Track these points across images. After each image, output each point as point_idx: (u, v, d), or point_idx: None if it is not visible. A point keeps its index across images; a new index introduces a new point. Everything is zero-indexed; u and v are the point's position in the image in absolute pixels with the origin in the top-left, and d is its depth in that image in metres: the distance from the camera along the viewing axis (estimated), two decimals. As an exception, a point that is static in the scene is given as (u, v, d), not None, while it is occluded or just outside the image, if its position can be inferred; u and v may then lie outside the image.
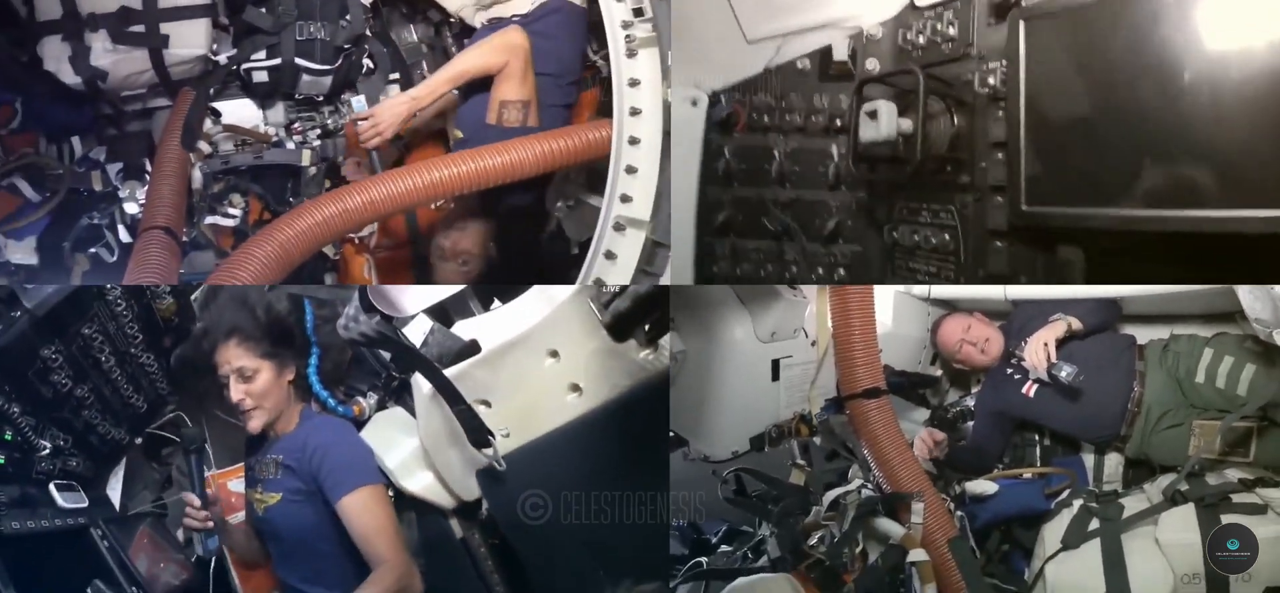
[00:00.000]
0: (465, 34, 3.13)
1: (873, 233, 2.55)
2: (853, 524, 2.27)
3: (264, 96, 3.02)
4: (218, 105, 2.95)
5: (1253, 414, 2.35)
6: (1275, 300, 2.02)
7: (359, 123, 2.73)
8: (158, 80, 2.82)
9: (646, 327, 1.70)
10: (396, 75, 3.14)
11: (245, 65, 2.88)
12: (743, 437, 2.93)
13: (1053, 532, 2.36)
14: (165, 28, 2.70)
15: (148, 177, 2.92)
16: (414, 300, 2.13)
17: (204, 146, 2.89)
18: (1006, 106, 2.08)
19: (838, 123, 2.55)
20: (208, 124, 2.89)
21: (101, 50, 2.68)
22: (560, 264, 2.95)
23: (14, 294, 2.01)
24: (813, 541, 2.34)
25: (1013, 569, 2.64)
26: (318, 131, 3.12)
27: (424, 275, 2.92)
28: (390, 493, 2.25)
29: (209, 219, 2.92)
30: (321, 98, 3.08)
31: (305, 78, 2.94)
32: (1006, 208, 2.12)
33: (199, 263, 2.88)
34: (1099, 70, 1.85)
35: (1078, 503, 2.38)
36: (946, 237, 2.32)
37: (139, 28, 2.68)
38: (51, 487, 2.15)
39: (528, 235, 2.98)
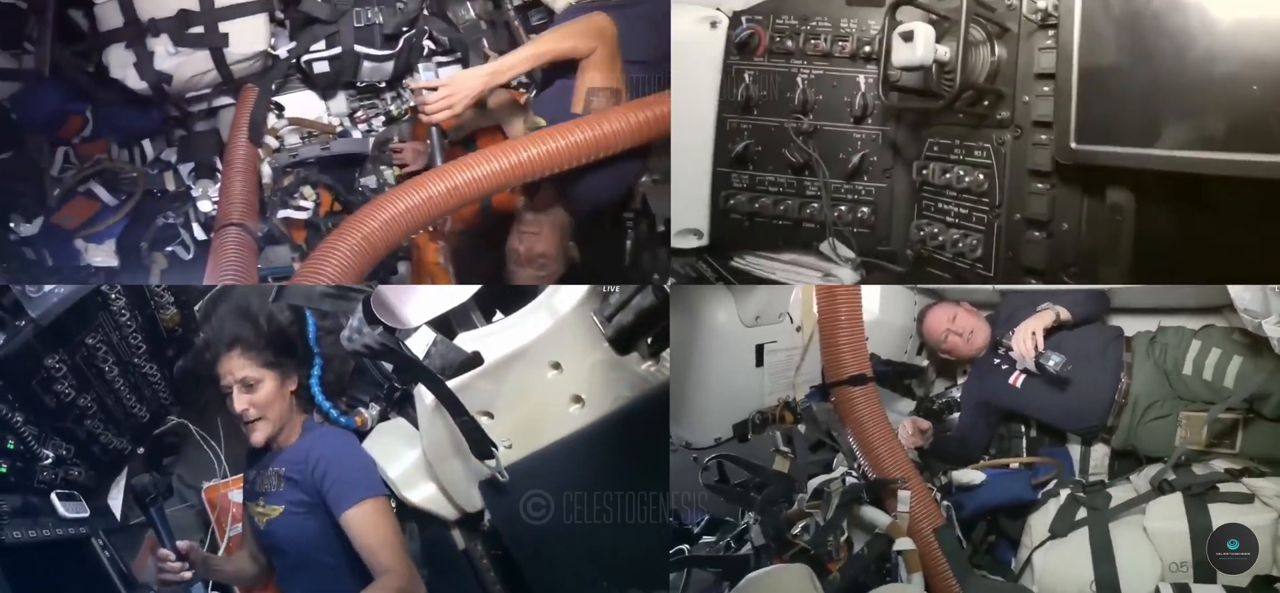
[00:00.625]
0: (526, 11, 3.08)
1: (901, 169, 2.47)
2: (837, 512, 2.25)
3: (326, 87, 2.99)
4: (280, 99, 2.92)
5: (1239, 406, 2.37)
6: (1265, 290, 2.04)
7: (425, 92, 2.56)
8: (221, 79, 2.81)
9: (649, 340, 1.71)
10: (454, 55, 3.08)
11: (305, 57, 2.85)
12: (726, 423, 2.88)
13: (1040, 521, 2.39)
14: (224, 27, 2.69)
15: (219, 175, 2.92)
16: (417, 312, 2.14)
17: (271, 141, 2.86)
18: (1059, 35, 1.97)
19: (867, 50, 2.45)
20: (272, 118, 2.87)
21: (164, 54, 2.68)
22: (648, 242, 2.92)
23: (19, 303, 2.02)
24: (796, 530, 2.32)
25: (999, 560, 2.64)
26: (382, 118, 3.08)
27: (500, 262, 2.81)
28: (392, 504, 2.26)
29: (281, 213, 2.88)
30: (383, 84, 3.05)
31: (366, 64, 2.91)
32: (1053, 146, 2.00)
33: (274, 257, 2.84)
34: (1163, 6, 1.71)
35: (1065, 493, 2.41)
36: (981, 176, 2.24)
37: (199, 29, 2.68)
38: (53, 496, 2.15)
39: (611, 226, 2.92)
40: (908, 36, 2.08)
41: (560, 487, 2.00)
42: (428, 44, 3.01)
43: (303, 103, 2.95)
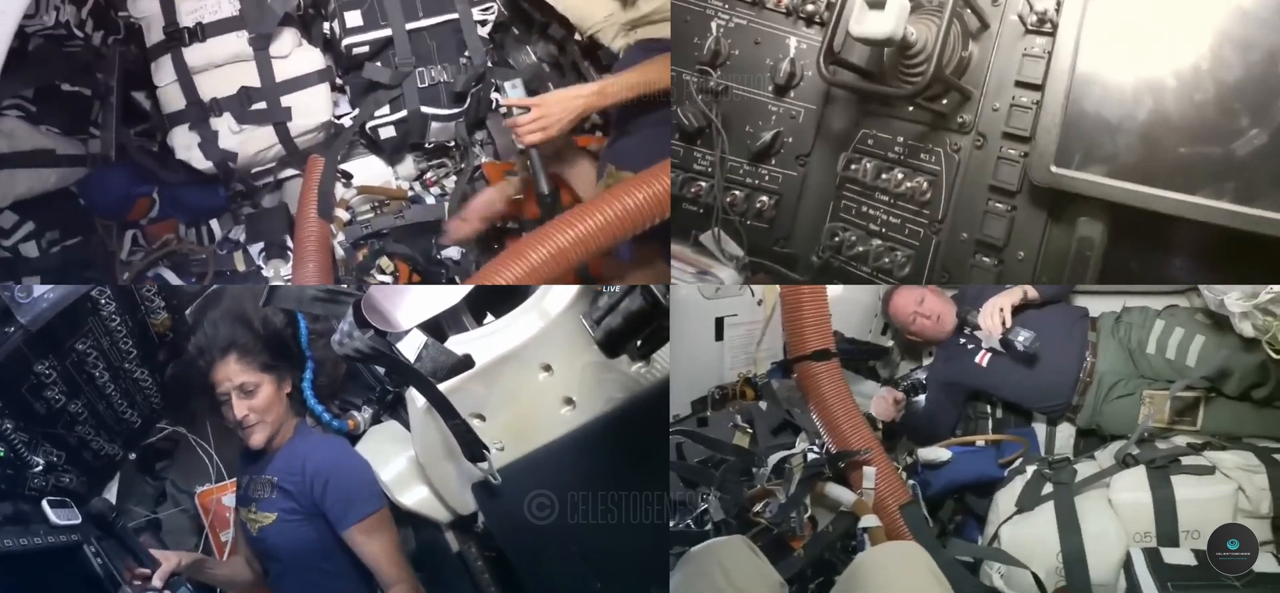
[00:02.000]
0: (591, 53, 2.93)
1: (821, 159, 2.15)
2: (799, 488, 2.24)
3: (392, 151, 2.96)
4: (346, 167, 2.91)
5: (1200, 384, 2.42)
6: None
7: (516, 113, 2.37)
8: (285, 153, 2.82)
9: (639, 342, 1.74)
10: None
11: (371, 123, 2.82)
12: (684, 400, 2.80)
13: (1007, 497, 2.42)
14: (286, 101, 2.72)
15: (290, 252, 2.92)
16: (408, 315, 2.15)
17: (342, 214, 2.85)
18: (1056, 44, 1.78)
19: (810, 8, 2.13)
20: (340, 189, 2.84)
21: (228, 132, 2.71)
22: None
23: (8, 310, 2.02)
24: (758, 507, 2.30)
25: (966, 538, 2.67)
26: (453, 178, 3.03)
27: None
28: (388, 505, 2.28)
29: None
30: (452, 143, 3.00)
31: (434, 125, 2.87)
32: (1027, 163, 1.80)
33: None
34: (1175, 37, 1.62)
35: (1031, 469, 2.44)
36: (924, 183, 1.99)
37: (261, 105, 2.70)
38: (44, 503, 2.14)
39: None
40: (877, 3, 1.83)
41: (553, 489, 2.01)
42: (495, 97, 2.88)
43: (369, 169, 2.94)
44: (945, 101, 1.97)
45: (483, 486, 2.07)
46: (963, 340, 2.83)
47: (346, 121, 2.84)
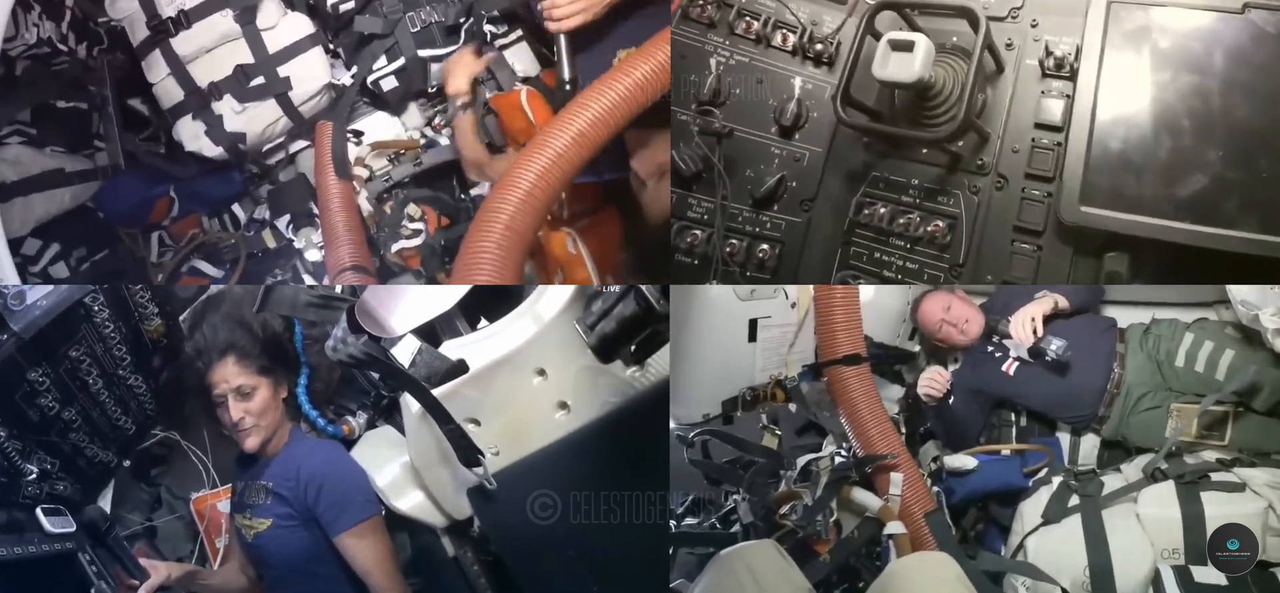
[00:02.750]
0: None
1: (827, 204, 2.09)
2: (826, 491, 2.24)
3: (397, 102, 2.90)
4: (355, 127, 2.87)
5: (1229, 399, 2.38)
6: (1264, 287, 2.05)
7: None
8: (293, 124, 2.80)
9: (633, 347, 1.70)
10: (515, 29, 2.79)
11: (371, 77, 2.79)
12: (715, 399, 2.78)
13: (1032, 508, 2.39)
14: (283, 70, 2.69)
15: (317, 219, 2.90)
16: (402, 320, 2.13)
17: (360, 171, 2.82)
18: (1077, 86, 1.83)
19: (818, 47, 2.04)
20: (354, 149, 2.81)
21: (231, 114, 2.69)
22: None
23: (0, 318, 2.00)
24: (784, 510, 2.30)
25: (988, 546, 2.64)
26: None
27: (631, 229, 2.61)
28: (382, 513, 2.25)
29: (395, 246, 2.81)
30: None
31: (433, 68, 2.81)
32: (1053, 203, 1.84)
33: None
34: (1195, 78, 1.71)
35: (1057, 480, 2.42)
36: (943, 226, 1.97)
37: (259, 80, 2.68)
38: (38, 511, 2.13)
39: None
40: (902, 46, 1.82)
41: (549, 493, 1.99)
42: (489, 28, 2.78)
43: (378, 126, 2.90)
44: (961, 142, 1.96)
45: (478, 490, 2.05)
46: (990, 348, 2.81)
47: (347, 81, 2.81)
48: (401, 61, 2.77)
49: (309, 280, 2.94)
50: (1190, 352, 2.51)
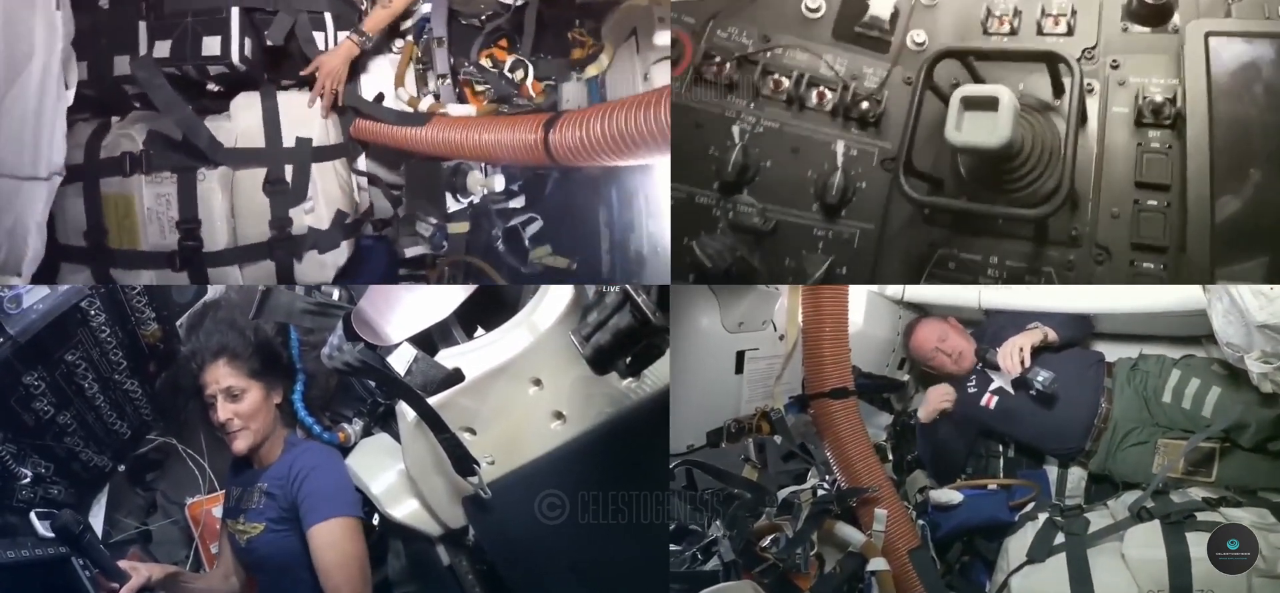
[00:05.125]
0: None
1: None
2: (806, 524, 2.22)
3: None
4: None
5: (1216, 435, 2.38)
6: (1248, 326, 2.03)
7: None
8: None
9: (628, 359, 1.71)
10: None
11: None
12: (700, 430, 2.76)
13: (1017, 544, 2.38)
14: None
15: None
16: (398, 329, 2.14)
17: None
18: (1188, 134, 1.56)
19: (863, 106, 1.72)
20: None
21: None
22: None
23: (-4, 322, 2.01)
24: (765, 542, 2.28)
25: (973, 581, 2.63)
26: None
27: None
28: (375, 522, 2.25)
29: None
30: None
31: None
32: (1173, 274, 1.58)
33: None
34: None
35: (1043, 516, 2.40)
36: None
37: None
38: (32, 515, 2.13)
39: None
40: (981, 103, 1.54)
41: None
42: None
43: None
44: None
45: (474, 500, 2.04)
46: (974, 377, 2.81)
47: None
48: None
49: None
50: (1177, 388, 2.52)
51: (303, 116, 2.65)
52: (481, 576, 2.24)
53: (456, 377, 1.99)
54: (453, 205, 2.95)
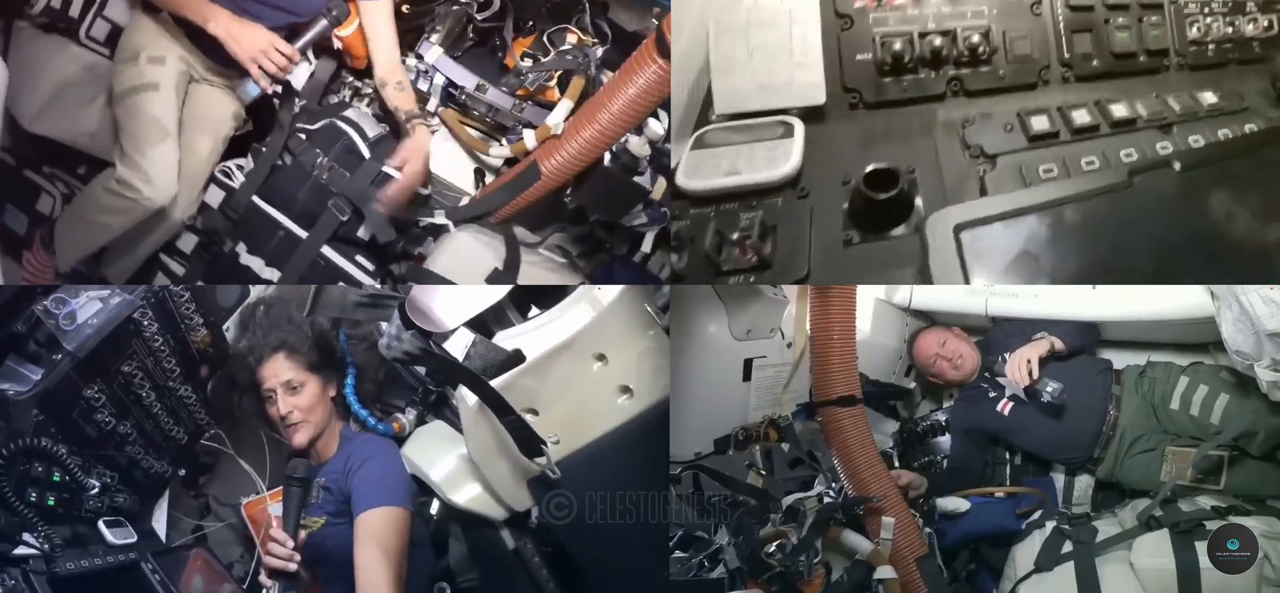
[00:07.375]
0: None
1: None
2: (810, 531, 2.21)
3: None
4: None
5: (1225, 443, 2.39)
6: (1259, 334, 2.03)
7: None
8: None
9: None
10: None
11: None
12: (708, 438, 2.76)
13: (1024, 553, 2.40)
14: None
15: None
16: (452, 314, 2.13)
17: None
18: None
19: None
20: None
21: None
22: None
23: (54, 338, 2.01)
24: (771, 549, 2.26)
25: (980, 590, 2.65)
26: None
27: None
28: (433, 510, 2.25)
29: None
30: None
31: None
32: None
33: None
34: None
35: (1050, 525, 2.42)
36: None
37: None
38: (100, 524, 2.14)
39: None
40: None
41: (612, 480, 2.00)
42: None
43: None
44: None
45: (540, 480, 2.05)
46: (984, 386, 2.82)
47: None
48: None
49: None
50: (1185, 395, 2.53)
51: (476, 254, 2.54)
52: (547, 558, 2.25)
53: (517, 358, 1.99)
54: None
